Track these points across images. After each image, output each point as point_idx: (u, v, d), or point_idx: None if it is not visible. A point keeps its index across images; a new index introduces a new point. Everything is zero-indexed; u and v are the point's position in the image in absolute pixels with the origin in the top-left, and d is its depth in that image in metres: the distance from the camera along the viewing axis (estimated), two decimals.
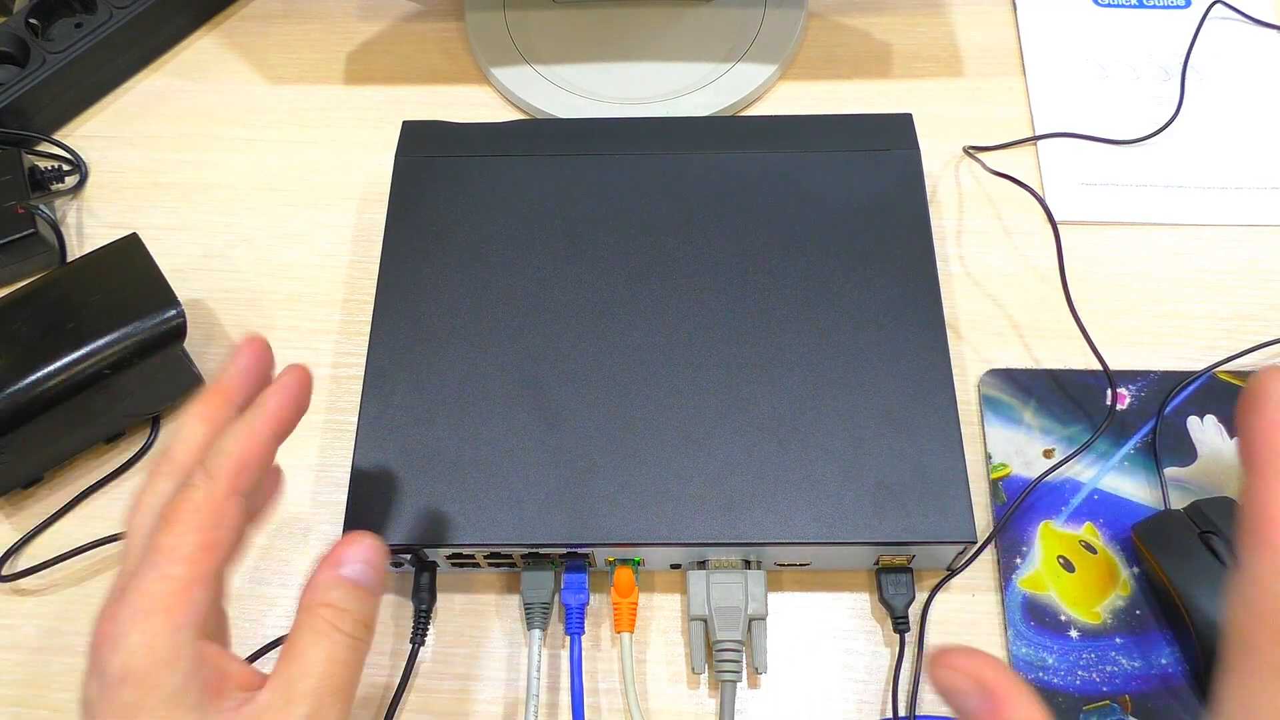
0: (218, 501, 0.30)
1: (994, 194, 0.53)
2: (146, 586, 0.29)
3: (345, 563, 0.32)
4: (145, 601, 0.28)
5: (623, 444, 0.41)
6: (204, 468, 0.31)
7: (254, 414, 0.32)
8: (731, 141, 0.49)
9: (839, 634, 0.43)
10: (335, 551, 0.32)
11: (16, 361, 0.43)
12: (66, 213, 0.55)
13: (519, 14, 0.59)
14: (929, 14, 0.59)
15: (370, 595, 0.32)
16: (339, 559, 0.32)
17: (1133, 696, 0.41)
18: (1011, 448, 0.46)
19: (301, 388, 0.33)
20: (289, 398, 0.33)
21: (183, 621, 0.28)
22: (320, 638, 0.30)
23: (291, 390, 0.33)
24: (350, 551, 0.32)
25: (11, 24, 0.56)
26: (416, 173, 0.49)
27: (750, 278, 0.45)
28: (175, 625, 0.28)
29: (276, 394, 0.33)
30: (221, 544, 0.30)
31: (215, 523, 0.30)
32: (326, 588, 0.31)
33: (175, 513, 0.30)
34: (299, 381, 0.33)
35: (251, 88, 0.59)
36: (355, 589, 0.31)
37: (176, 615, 0.28)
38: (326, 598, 0.31)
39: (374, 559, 0.32)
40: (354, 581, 0.31)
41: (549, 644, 0.43)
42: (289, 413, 0.33)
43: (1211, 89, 0.56)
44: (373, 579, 0.32)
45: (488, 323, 0.45)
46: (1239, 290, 0.50)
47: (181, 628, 0.28)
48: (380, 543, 0.33)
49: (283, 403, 0.33)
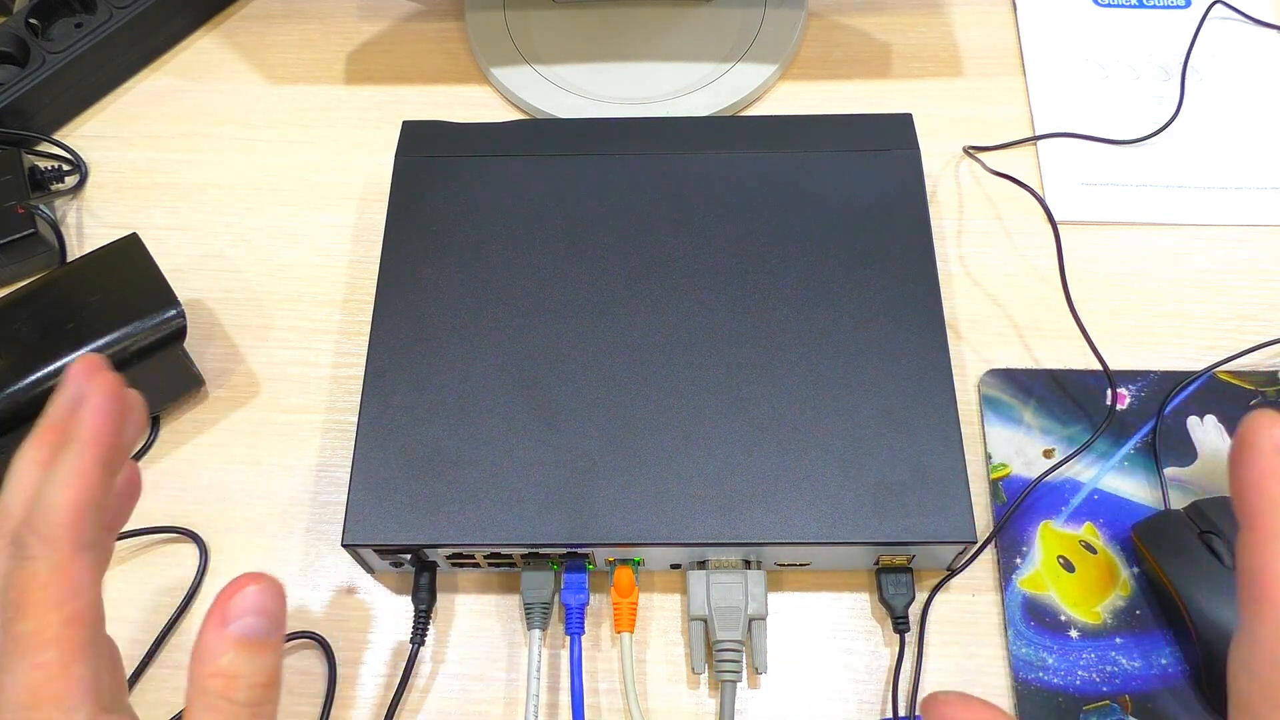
0: (64, 568, 0.27)
1: (994, 194, 0.53)
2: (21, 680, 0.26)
3: (231, 618, 0.27)
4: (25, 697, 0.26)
5: (623, 444, 0.41)
6: (37, 532, 0.27)
7: (74, 451, 0.28)
8: (731, 141, 0.49)
9: (839, 634, 0.43)
10: (218, 605, 0.27)
11: (16, 361, 0.43)
12: (66, 213, 0.55)
13: (519, 14, 0.59)
14: (929, 14, 0.59)
15: (266, 649, 0.27)
16: (224, 615, 0.27)
17: (1133, 696, 0.41)
18: (1011, 448, 0.46)
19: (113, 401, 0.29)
20: (104, 416, 0.28)
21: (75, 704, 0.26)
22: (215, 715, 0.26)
23: (103, 408, 0.28)
24: (236, 604, 0.27)
25: (11, 24, 0.56)
26: (416, 173, 0.49)
27: (750, 278, 0.45)
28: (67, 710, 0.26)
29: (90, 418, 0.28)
30: (85, 610, 0.27)
31: (72, 591, 0.27)
32: (214, 654, 0.26)
33: (23, 595, 0.26)
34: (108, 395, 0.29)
35: (251, 88, 0.59)
36: (246, 648, 0.27)
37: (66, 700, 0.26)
38: (214, 666, 0.26)
39: (266, 606, 0.27)
40: (243, 639, 0.27)
41: (549, 644, 0.43)
42: (110, 434, 0.28)
43: (1211, 89, 0.56)
44: (267, 629, 0.27)
45: (488, 323, 0.45)
46: (1239, 290, 0.50)
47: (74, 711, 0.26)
48: (272, 582, 0.27)
49: (100, 426, 0.28)
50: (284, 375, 0.50)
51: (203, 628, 0.27)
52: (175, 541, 0.46)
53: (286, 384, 0.49)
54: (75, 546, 0.27)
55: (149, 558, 0.46)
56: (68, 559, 0.27)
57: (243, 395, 0.49)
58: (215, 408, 0.49)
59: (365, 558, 0.42)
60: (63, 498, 0.27)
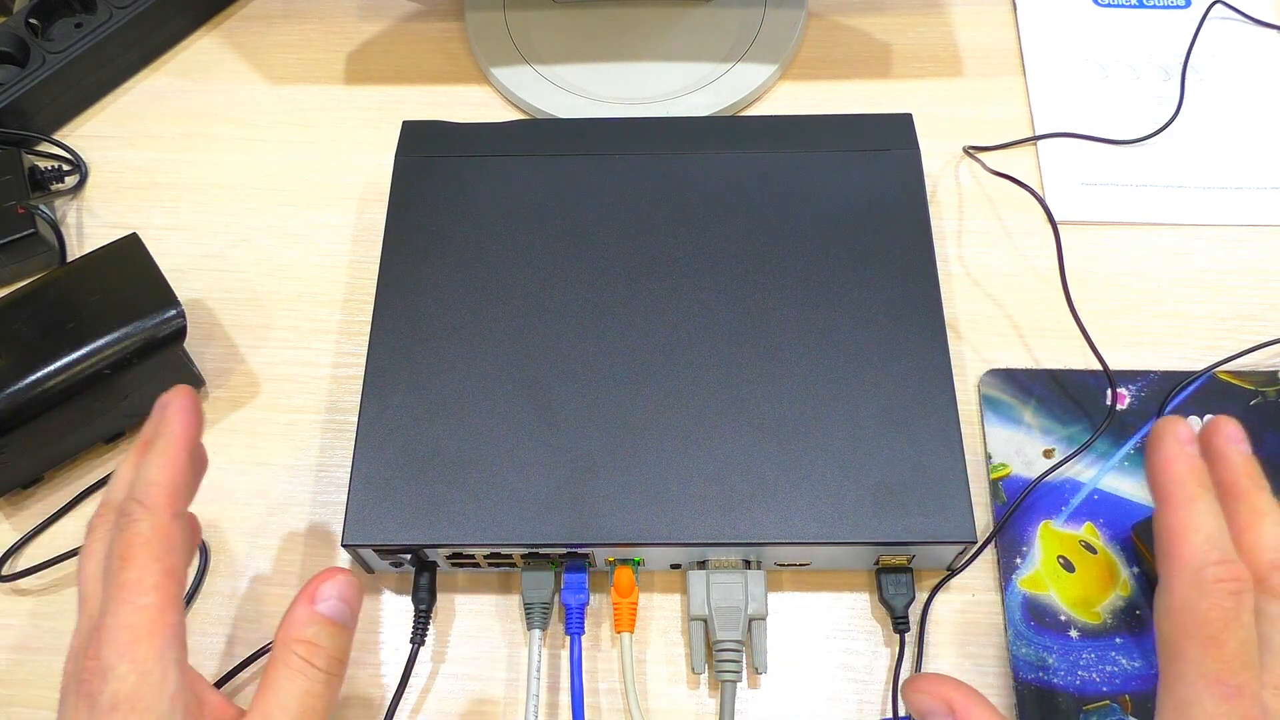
0: (164, 528, 0.32)
1: (994, 194, 0.53)
2: (124, 620, 0.30)
3: (321, 599, 0.33)
4: (126, 634, 0.29)
5: (623, 444, 0.41)
6: (139, 501, 0.32)
7: (165, 441, 0.34)
8: (731, 141, 0.49)
9: (839, 634, 0.43)
10: (311, 586, 0.33)
11: (16, 361, 0.43)
12: (66, 213, 0.55)
13: (519, 14, 0.59)
14: (929, 14, 0.59)
15: (344, 631, 0.33)
16: (315, 594, 0.33)
17: (1133, 696, 0.41)
18: (1011, 448, 0.46)
19: (193, 405, 0.35)
20: (186, 415, 0.35)
21: (165, 646, 0.30)
22: (295, 674, 0.31)
23: (185, 408, 0.35)
24: (326, 588, 0.33)
25: (11, 24, 0.56)
26: (416, 173, 0.49)
27: (750, 278, 0.45)
28: (160, 650, 0.30)
29: (175, 415, 0.35)
30: (179, 569, 0.32)
31: (169, 548, 0.31)
32: (303, 624, 0.32)
33: (129, 548, 0.31)
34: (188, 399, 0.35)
35: (251, 88, 0.59)
36: (330, 625, 0.32)
37: (159, 640, 0.30)
38: (302, 634, 0.32)
39: (349, 595, 0.33)
40: (329, 618, 0.32)
41: (549, 644, 0.43)
42: (191, 429, 0.35)
43: (1211, 89, 0.56)
44: (347, 615, 0.33)
45: (488, 323, 0.45)
46: (1239, 290, 0.50)
47: (165, 652, 0.30)
48: (355, 579, 0.34)
49: (185, 423, 0.35)
50: (284, 375, 0.50)
51: (295, 602, 0.33)
52: None
53: (286, 384, 0.49)
54: (171, 513, 0.32)
55: None
56: (166, 522, 0.32)
57: (243, 395, 0.49)
58: (215, 408, 0.49)
59: (365, 558, 0.42)
60: (160, 474, 0.33)
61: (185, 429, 0.34)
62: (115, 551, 0.31)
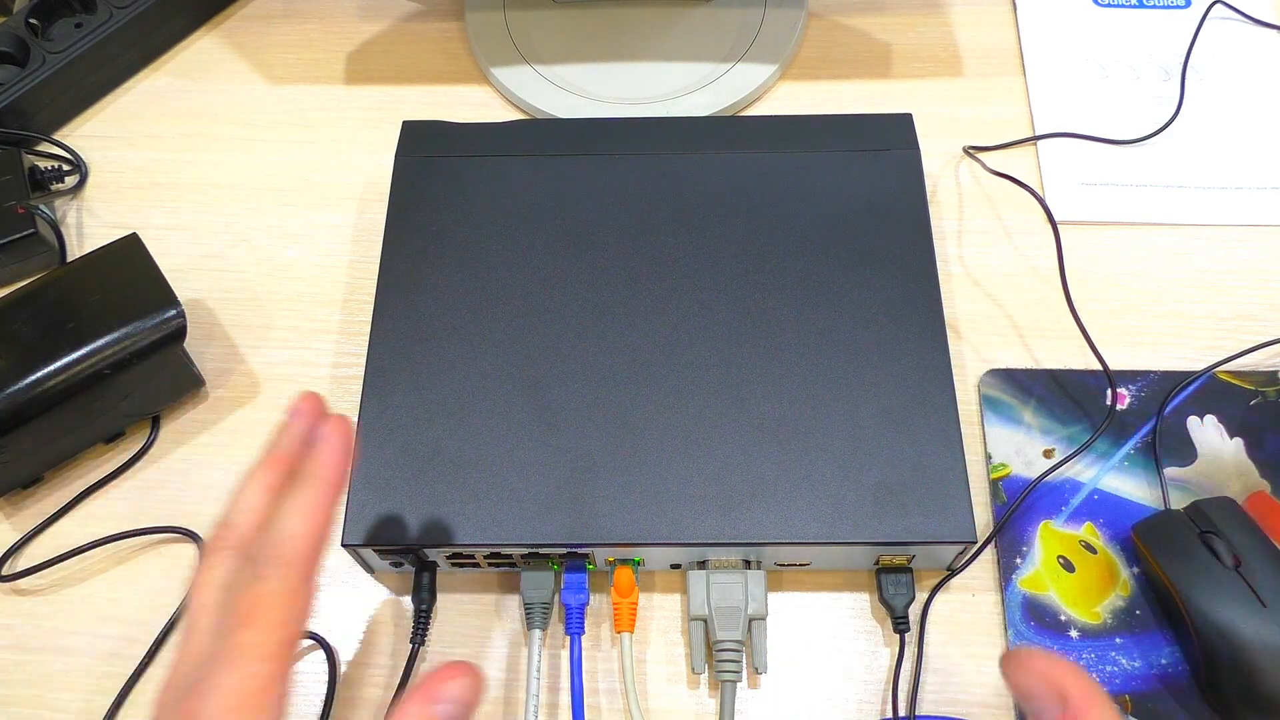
0: (294, 592, 0.30)
1: (994, 194, 0.53)
2: (233, 685, 0.28)
3: (440, 700, 0.30)
4: (234, 700, 0.28)
5: (623, 444, 0.41)
6: (278, 553, 0.30)
7: (316, 487, 0.32)
8: (731, 141, 0.49)
9: (839, 634, 0.43)
10: (433, 683, 0.30)
11: (16, 361, 0.43)
12: (66, 213, 0.55)
13: (519, 14, 0.59)
14: (929, 14, 0.59)
15: None
16: (435, 694, 0.30)
17: (1133, 696, 0.41)
18: (1011, 448, 0.46)
19: (350, 444, 0.33)
20: (343, 460, 0.33)
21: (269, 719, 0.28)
22: None
23: (342, 451, 0.33)
24: (447, 689, 0.30)
25: (11, 24, 0.56)
26: (416, 173, 0.49)
27: (750, 278, 0.45)
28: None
29: (332, 459, 0.32)
30: (296, 637, 0.30)
31: (294, 616, 0.30)
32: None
33: (255, 608, 0.29)
34: (347, 439, 0.33)
35: (251, 88, 0.59)
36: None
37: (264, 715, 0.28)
38: None
39: (470, 699, 0.30)
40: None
41: (549, 644, 0.43)
42: (345, 477, 0.33)
43: (1211, 89, 0.56)
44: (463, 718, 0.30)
45: (488, 323, 0.45)
46: (1239, 290, 0.50)
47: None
48: (479, 679, 0.31)
49: (340, 467, 0.33)
50: (284, 375, 0.50)
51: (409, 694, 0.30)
52: (175, 541, 0.46)
53: (286, 384, 0.49)
54: (306, 575, 0.30)
55: (149, 558, 0.46)
56: (298, 584, 0.30)
57: (243, 395, 0.49)
58: (215, 408, 0.49)
59: (365, 558, 0.42)
60: (304, 528, 0.31)
61: (341, 477, 0.32)
62: (240, 606, 0.29)
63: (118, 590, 0.45)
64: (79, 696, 0.43)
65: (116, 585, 0.45)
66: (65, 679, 0.43)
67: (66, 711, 0.43)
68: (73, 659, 0.44)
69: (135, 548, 0.46)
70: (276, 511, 0.31)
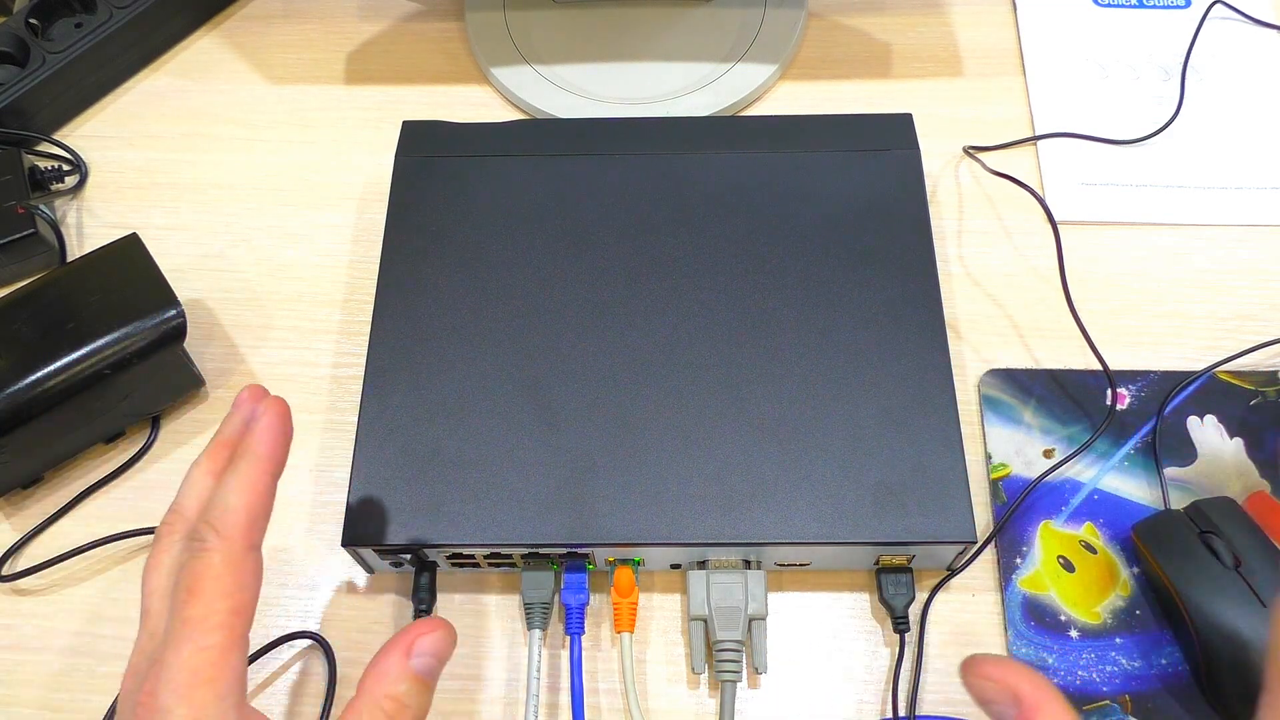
0: (237, 562, 0.30)
1: (994, 194, 0.53)
2: (184, 660, 0.28)
3: (416, 654, 0.31)
4: (185, 676, 0.28)
5: (623, 444, 0.41)
6: (214, 528, 0.30)
7: (249, 462, 0.32)
8: (731, 141, 0.49)
9: (839, 634, 0.43)
10: (408, 638, 0.32)
11: (16, 361, 0.43)
12: (66, 213, 0.55)
13: (519, 14, 0.59)
14: (929, 14, 0.59)
15: (431, 689, 0.32)
16: (411, 648, 0.31)
17: (1133, 696, 0.41)
18: (1011, 448, 0.46)
19: (284, 422, 0.33)
20: (277, 436, 0.33)
21: (226, 690, 0.28)
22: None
23: (275, 428, 0.33)
24: (423, 642, 0.32)
25: (11, 24, 0.56)
26: (416, 173, 0.49)
27: (750, 278, 0.45)
28: (220, 695, 0.28)
29: (265, 435, 0.33)
30: (247, 606, 0.30)
31: (239, 584, 0.30)
32: (395, 680, 0.31)
33: (197, 581, 0.29)
34: (280, 416, 0.33)
35: (251, 88, 0.59)
36: (420, 684, 0.31)
37: (220, 685, 0.28)
38: (394, 690, 0.31)
39: (444, 651, 0.32)
40: (420, 675, 0.31)
41: (549, 644, 0.43)
42: (281, 451, 0.33)
43: (1211, 89, 0.56)
44: (437, 671, 0.32)
45: (488, 323, 0.45)
46: (1239, 290, 0.50)
47: (225, 697, 0.28)
48: (452, 631, 0.33)
49: (274, 443, 0.33)
50: (284, 375, 0.50)
51: (386, 650, 0.31)
52: None
53: (286, 384, 0.49)
54: (246, 545, 0.30)
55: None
56: (240, 555, 0.30)
57: None
58: (215, 408, 0.49)
59: (365, 558, 0.42)
60: (240, 500, 0.31)
61: (274, 450, 0.32)
62: (183, 582, 0.29)
63: (118, 590, 0.45)
64: (79, 696, 0.43)
65: (116, 585, 0.45)
66: (65, 679, 0.43)
67: (66, 711, 0.42)
68: (73, 659, 0.44)
69: (135, 548, 0.46)
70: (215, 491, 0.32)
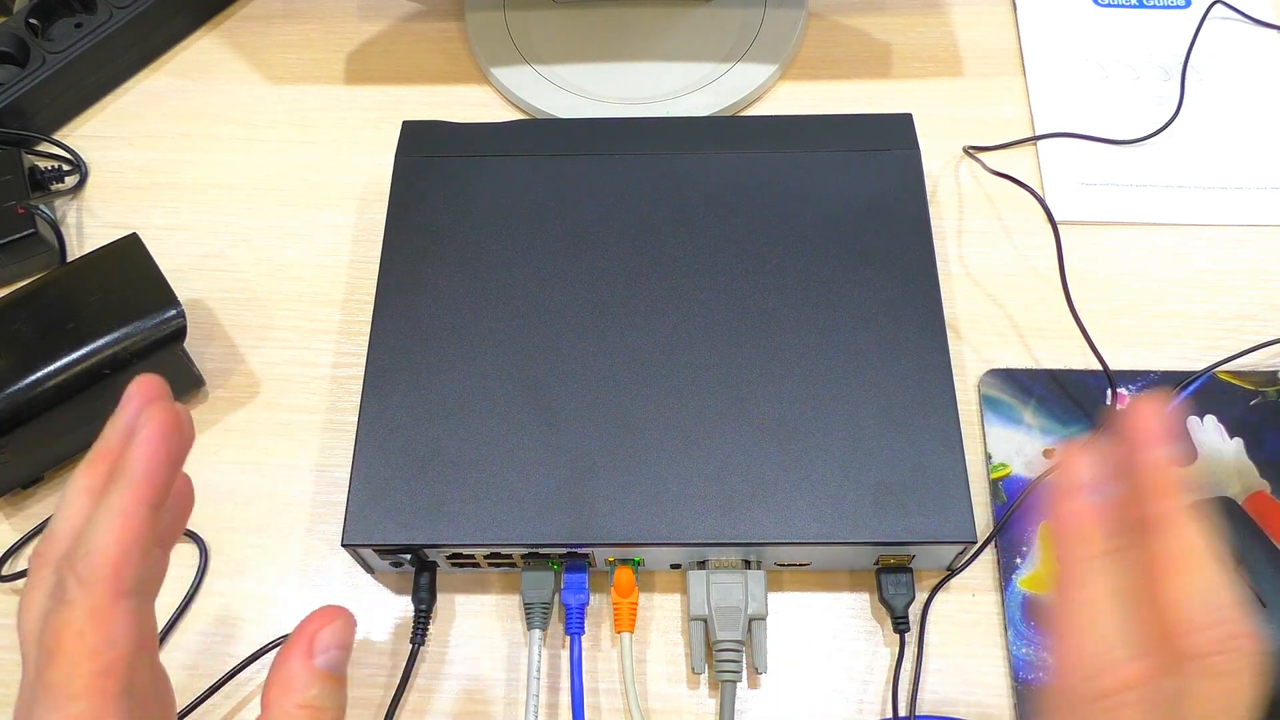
0: (103, 614, 0.25)
1: (994, 194, 0.53)
2: None
3: (319, 650, 0.27)
4: None
5: (623, 444, 0.41)
6: (76, 574, 0.25)
7: (121, 490, 0.26)
8: (731, 141, 0.49)
9: (839, 634, 0.43)
10: (306, 634, 0.27)
11: (16, 361, 0.43)
12: (66, 213, 0.55)
13: (519, 14, 0.59)
14: (929, 14, 0.59)
15: (344, 683, 0.28)
16: (312, 646, 0.27)
17: None
18: (1011, 448, 0.46)
19: (168, 436, 0.27)
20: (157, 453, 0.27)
21: None
22: None
23: (156, 443, 0.27)
24: (324, 636, 0.27)
25: (11, 24, 0.56)
26: (416, 173, 0.49)
27: (750, 278, 0.45)
28: None
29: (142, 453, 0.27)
30: (119, 660, 0.25)
31: (107, 640, 0.25)
32: (304, 685, 0.27)
33: (58, 640, 0.25)
34: (164, 428, 0.27)
35: (251, 88, 0.59)
36: (331, 682, 0.27)
37: None
38: (304, 697, 0.27)
39: (346, 640, 0.28)
40: (328, 673, 0.27)
41: (549, 644, 0.43)
42: (162, 473, 0.27)
43: (1211, 89, 0.56)
44: (345, 662, 0.28)
45: (488, 323, 0.45)
46: (1239, 290, 0.50)
47: None
48: (350, 617, 0.28)
49: (152, 462, 0.27)
50: (284, 375, 0.50)
51: (286, 655, 0.27)
52: None
53: (286, 384, 0.49)
54: (114, 593, 0.26)
55: None
56: (105, 606, 0.25)
57: (243, 395, 0.49)
58: (215, 408, 0.49)
59: (365, 558, 0.42)
60: (106, 538, 0.26)
61: (152, 473, 0.26)
62: (44, 641, 0.25)
63: None
64: None
65: None
66: None
67: None
68: None
69: None
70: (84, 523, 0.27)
